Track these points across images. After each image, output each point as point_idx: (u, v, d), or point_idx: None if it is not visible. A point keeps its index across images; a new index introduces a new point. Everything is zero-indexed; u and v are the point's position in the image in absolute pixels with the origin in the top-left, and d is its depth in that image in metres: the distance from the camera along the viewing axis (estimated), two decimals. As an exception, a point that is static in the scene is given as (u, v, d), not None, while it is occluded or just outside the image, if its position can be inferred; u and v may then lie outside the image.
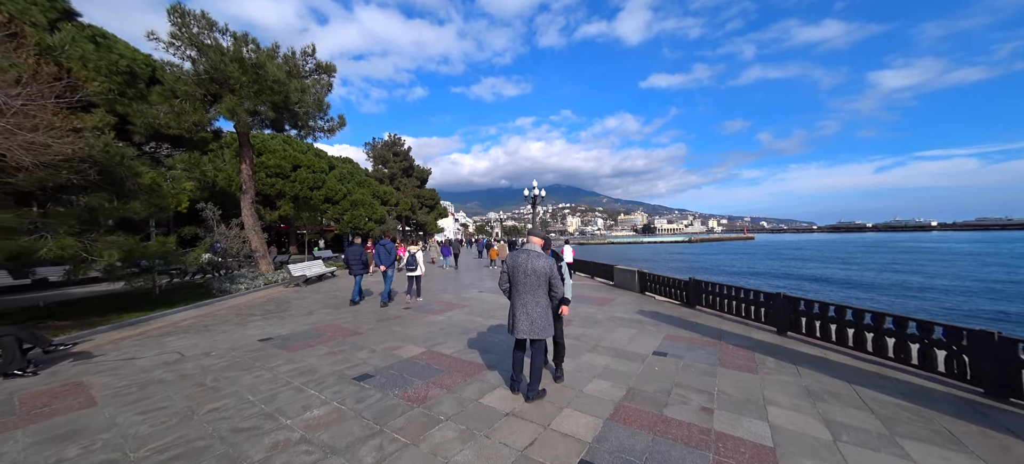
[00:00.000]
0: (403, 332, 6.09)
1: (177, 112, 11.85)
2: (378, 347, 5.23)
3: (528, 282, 3.27)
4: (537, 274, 3.27)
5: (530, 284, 3.26)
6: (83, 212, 6.36)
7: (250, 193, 14.79)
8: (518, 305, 3.30)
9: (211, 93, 12.80)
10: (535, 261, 3.29)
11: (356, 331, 6.16)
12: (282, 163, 30.27)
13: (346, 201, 34.61)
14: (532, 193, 25.17)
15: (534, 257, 3.31)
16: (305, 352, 5.00)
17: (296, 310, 8.13)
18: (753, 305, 6.17)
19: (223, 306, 8.62)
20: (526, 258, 3.31)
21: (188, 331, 6.23)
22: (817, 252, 55.27)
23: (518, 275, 3.31)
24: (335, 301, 9.29)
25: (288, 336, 5.85)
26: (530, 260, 3.29)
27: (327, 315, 7.53)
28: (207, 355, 4.88)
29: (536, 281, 3.27)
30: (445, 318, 7.16)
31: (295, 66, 14.28)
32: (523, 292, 3.29)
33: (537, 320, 3.26)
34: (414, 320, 6.99)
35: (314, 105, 14.10)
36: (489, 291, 10.55)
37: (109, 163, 6.60)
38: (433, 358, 4.72)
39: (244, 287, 10.81)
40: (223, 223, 13.75)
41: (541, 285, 3.29)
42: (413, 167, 48.11)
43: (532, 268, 3.27)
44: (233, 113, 11.88)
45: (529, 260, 3.30)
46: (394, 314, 7.55)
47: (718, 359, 4.51)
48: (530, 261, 3.29)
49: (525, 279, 3.27)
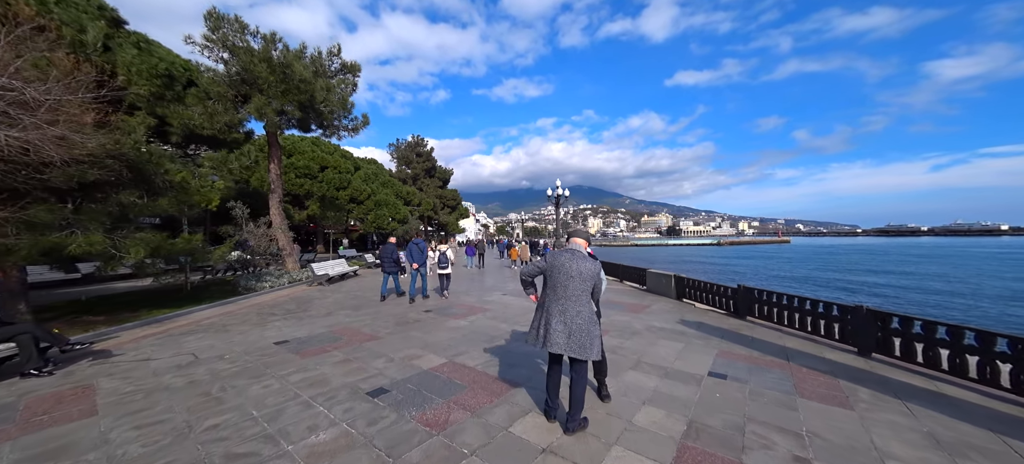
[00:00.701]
0: (423, 338, 5.68)
1: (210, 113, 12.15)
2: (396, 355, 4.82)
3: (570, 286, 2.77)
4: (582, 278, 2.78)
5: (572, 289, 2.77)
6: (114, 209, 6.42)
7: (278, 192, 15.05)
8: (554, 312, 2.78)
9: (242, 94, 13.08)
10: (580, 263, 2.81)
11: (374, 336, 5.81)
12: (310, 164, 31.21)
13: (370, 201, 35.26)
14: (556, 193, 24.46)
15: (579, 259, 2.83)
16: (319, 358, 4.67)
17: (316, 310, 7.95)
18: (823, 319, 5.26)
19: (246, 304, 8.60)
20: (569, 258, 2.84)
21: (208, 330, 6.11)
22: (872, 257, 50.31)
23: (558, 276, 2.82)
24: (356, 301, 9.09)
25: (304, 339, 5.57)
26: (574, 262, 2.81)
27: (346, 316, 7.27)
28: (221, 358, 4.64)
29: (580, 286, 2.77)
30: (468, 323, 6.70)
31: (321, 66, 14.40)
32: (561, 297, 2.80)
33: (578, 332, 2.72)
34: (435, 325, 6.57)
35: (339, 104, 14.15)
36: (513, 294, 10.04)
37: (139, 160, 6.65)
38: (455, 371, 4.25)
39: (269, 285, 10.87)
40: (252, 222, 14.05)
41: (585, 292, 2.80)
42: (435, 168, 48.54)
43: (576, 271, 2.79)
44: (261, 112, 12.05)
45: (573, 262, 2.81)
46: (414, 317, 7.18)
47: (793, 386, 3.75)
48: (574, 262, 2.81)
49: (567, 282, 2.78)
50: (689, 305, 8.55)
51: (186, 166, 7.98)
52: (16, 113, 4.57)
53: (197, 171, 8.96)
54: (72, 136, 4.97)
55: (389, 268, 9.20)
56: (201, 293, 9.59)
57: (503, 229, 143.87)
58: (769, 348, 5.04)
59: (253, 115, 12.25)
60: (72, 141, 4.98)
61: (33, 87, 4.82)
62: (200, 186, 8.49)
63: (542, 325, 2.84)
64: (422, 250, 8.97)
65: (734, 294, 7.16)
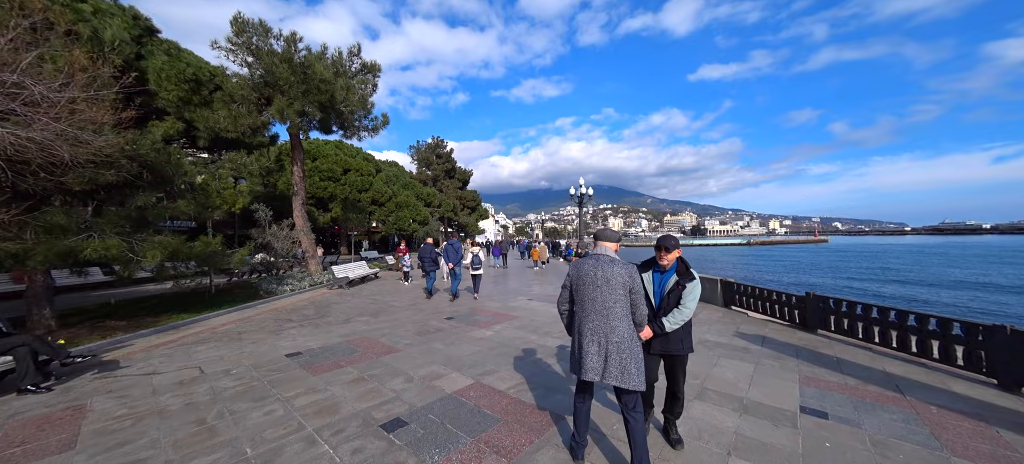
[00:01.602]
0: (446, 352, 5.09)
1: (234, 116, 12.20)
2: (416, 373, 4.25)
3: (598, 298, 2.28)
4: (611, 286, 2.26)
5: (600, 301, 2.27)
6: (133, 212, 6.26)
7: (301, 195, 15.04)
8: (585, 331, 2.30)
9: (264, 97, 13.10)
10: (606, 269, 2.30)
11: (392, 348, 5.28)
12: (334, 167, 31.77)
13: (391, 203, 35.57)
14: (578, 192, 23.52)
15: (605, 264, 2.32)
16: (331, 376, 4.16)
17: (334, 316, 7.57)
18: (939, 339, 4.22)
19: (266, 309, 8.37)
20: (593, 266, 2.34)
21: (222, 339, 5.79)
22: (940, 258, 44.39)
23: (584, 288, 2.34)
24: (375, 306, 8.67)
25: (318, 351, 5.11)
26: (599, 268, 2.32)
27: (364, 324, 6.82)
28: (227, 373, 4.23)
29: (610, 297, 2.26)
30: (494, 333, 6.07)
31: (341, 66, 14.26)
32: (590, 312, 2.30)
33: (615, 353, 2.19)
34: (458, 335, 5.98)
35: (359, 103, 13.96)
36: (538, 299, 9.34)
37: (157, 162, 6.48)
38: (483, 396, 3.61)
39: (289, 289, 10.70)
40: (275, 224, 14.10)
41: (618, 302, 2.26)
42: (455, 169, 48.56)
43: (602, 278, 2.28)
44: (282, 114, 11.97)
45: (598, 268, 2.32)
46: (436, 326, 6.63)
47: (931, 434, 2.84)
48: (599, 269, 2.31)
49: (594, 293, 2.29)
50: (740, 314, 7.55)
51: (208, 169, 7.87)
52: (24, 111, 4.38)
53: (218, 173, 8.84)
54: (82, 135, 4.74)
55: (429, 267, 9.85)
56: (224, 297, 9.50)
57: (522, 230, 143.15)
58: (868, 374, 4.09)
59: (275, 117, 12.20)
60: (83, 141, 4.76)
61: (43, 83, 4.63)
62: (221, 188, 8.34)
63: (576, 347, 2.38)
64: (458, 251, 9.41)
65: (800, 303, 6.14)
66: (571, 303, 2.46)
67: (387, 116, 15.55)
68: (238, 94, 12.38)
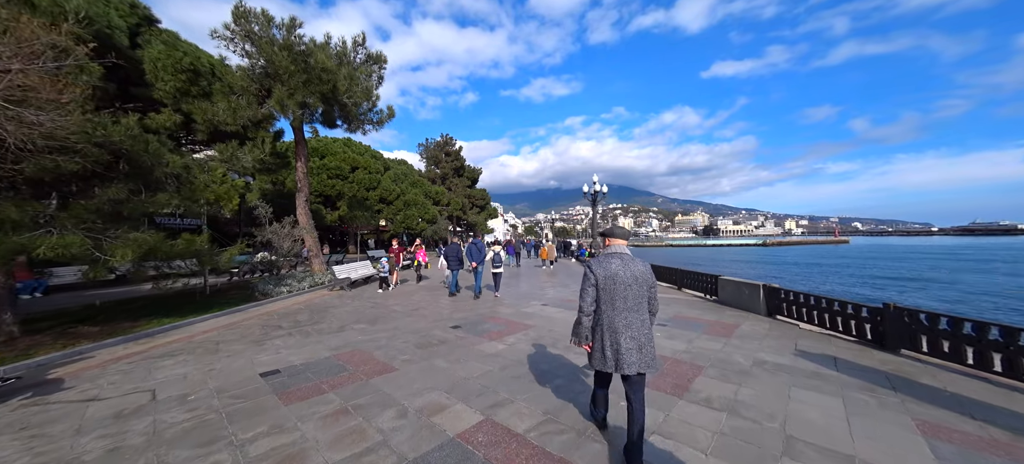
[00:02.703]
0: (450, 372, 4.25)
1: (234, 108, 11.63)
2: (412, 403, 3.41)
3: (629, 296, 2.42)
4: (639, 284, 2.45)
5: (631, 298, 2.42)
6: (104, 205, 5.61)
7: (304, 191, 14.46)
8: (620, 328, 2.40)
9: (265, 89, 12.52)
10: (633, 268, 2.46)
11: (387, 366, 4.45)
12: (342, 165, 31.40)
13: (399, 201, 35.08)
14: (592, 189, 22.50)
15: (630, 263, 2.48)
16: (307, 407, 3.36)
17: (328, 323, 6.82)
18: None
19: (257, 313, 7.68)
20: (621, 264, 2.47)
21: (196, 351, 5.07)
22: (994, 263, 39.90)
23: (616, 287, 2.43)
24: (375, 311, 7.91)
25: (300, 369, 4.33)
26: (627, 267, 2.46)
27: (360, 333, 6.04)
28: (182, 400, 3.46)
29: (639, 293, 2.45)
30: (506, 347, 5.21)
31: (345, 56, 13.60)
32: (623, 309, 2.41)
33: (646, 345, 2.42)
34: (466, 350, 5.14)
35: (363, 94, 13.26)
36: (554, 304, 8.43)
37: (134, 150, 5.82)
38: (496, 441, 2.75)
39: (287, 290, 10.04)
40: (277, 222, 13.53)
41: (644, 298, 2.48)
42: (464, 167, 47.91)
43: (631, 277, 2.43)
44: (282, 104, 11.33)
45: (626, 267, 2.45)
46: (440, 337, 5.80)
47: None
48: (627, 268, 2.45)
49: (626, 291, 2.41)
50: (789, 325, 6.51)
51: (196, 160, 7.23)
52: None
53: (207, 165, 8.19)
54: (27, 114, 4.06)
55: (453, 266, 9.93)
56: (217, 299, 8.88)
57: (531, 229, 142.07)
58: (1000, 416, 3.07)
59: (275, 108, 11.57)
60: (27, 120, 4.08)
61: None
62: (210, 181, 7.69)
63: (609, 345, 2.42)
64: (481, 250, 9.68)
65: (878, 316, 5.08)
66: (598, 303, 2.48)
67: (392, 109, 14.84)
68: (238, 85, 11.80)
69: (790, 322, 6.73)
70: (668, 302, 8.79)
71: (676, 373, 4.19)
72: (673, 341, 5.48)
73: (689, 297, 9.64)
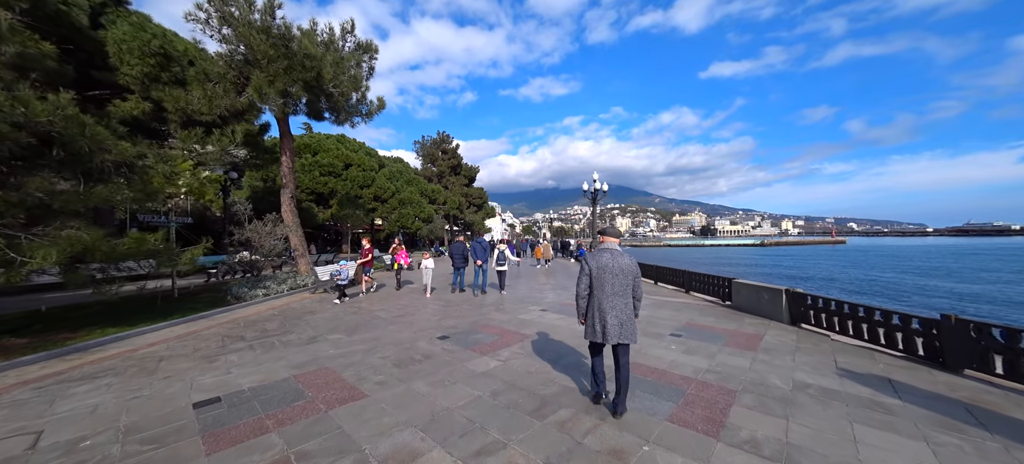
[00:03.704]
0: (431, 399, 3.49)
1: (209, 97, 10.78)
2: (376, 448, 2.65)
3: (617, 283, 3.05)
4: (625, 274, 3.07)
5: (618, 285, 3.05)
6: (27, 197, 4.79)
7: (290, 187, 13.61)
8: (607, 309, 3.03)
9: (245, 76, 11.68)
10: (620, 260, 3.08)
11: (355, 391, 3.68)
12: (335, 161, 30.51)
13: (394, 200, 34.23)
14: (592, 187, 21.80)
15: (619, 256, 3.10)
16: (237, 456, 2.58)
17: (300, 332, 6.03)
18: None
19: (222, 320, 6.88)
20: (611, 258, 3.09)
21: (126, 371, 4.26)
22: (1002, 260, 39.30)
23: (606, 276, 3.05)
24: (356, 317, 7.12)
25: (246, 396, 3.54)
26: (616, 260, 3.08)
27: (332, 346, 5.25)
28: (71, 449, 2.66)
29: (625, 281, 3.07)
30: (500, 365, 4.45)
31: (332, 44, 12.77)
32: (610, 294, 3.05)
33: (627, 322, 3.05)
34: (452, 367, 4.37)
35: (350, 83, 12.42)
36: (554, 309, 7.68)
37: (68, 133, 5.00)
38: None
39: (263, 293, 9.23)
40: (259, 219, 12.69)
41: (628, 286, 3.09)
42: (461, 165, 47.08)
43: (619, 268, 3.06)
44: (260, 92, 10.49)
45: (614, 260, 3.08)
46: (424, 351, 5.03)
47: None
48: (615, 260, 3.07)
49: (614, 280, 3.05)
50: (817, 335, 5.79)
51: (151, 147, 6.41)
52: None
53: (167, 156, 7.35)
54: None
55: (458, 263, 10.01)
56: (183, 303, 8.05)
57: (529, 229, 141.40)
58: None
59: (253, 96, 10.73)
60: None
61: None
62: (172, 172, 6.87)
63: (598, 322, 3.04)
64: (486, 248, 9.80)
65: (935, 328, 4.35)
66: (591, 289, 3.12)
67: (383, 100, 14.02)
68: (214, 72, 10.95)
69: (818, 332, 6.01)
70: (678, 307, 8.06)
71: (705, 401, 3.45)
72: (693, 357, 4.74)
73: (699, 301, 8.92)
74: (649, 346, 5.21)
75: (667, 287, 11.57)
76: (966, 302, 19.46)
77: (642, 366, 4.38)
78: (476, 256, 9.76)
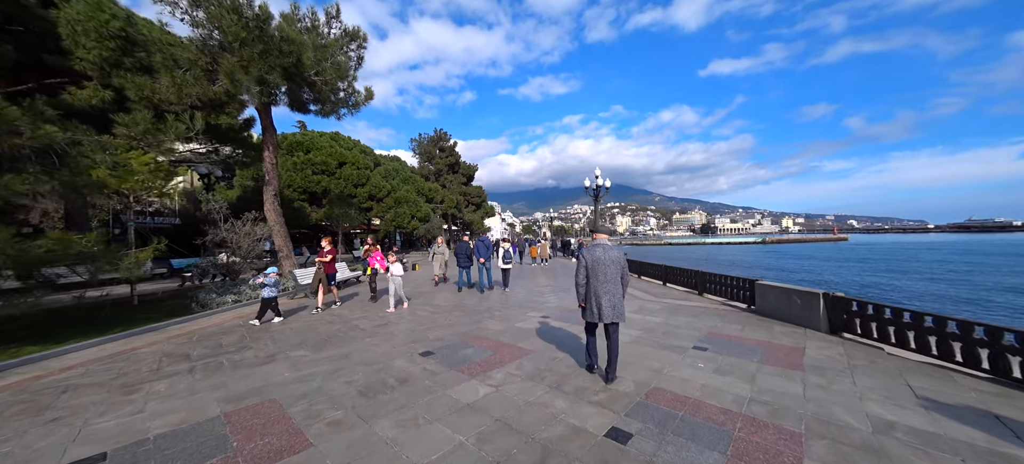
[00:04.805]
0: (396, 446, 2.60)
1: (178, 84, 9.87)
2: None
3: (608, 272, 3.65)
4: (615, 264, 3.70)
5: (610, 274, 3.66)
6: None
7: (273, 184, 12.72)
8: (602, 294, 3.63)
9: (219, 62, 10.78)
10: (610, 253, 3.72)
11: (297, 438, 2.78)
12: (328, 159, 29.58)
13: (390, 199, 33.28)
14: (594, 184, 20.94)
15: (609, 250, 3.74)
16: None
17: (258, 348, 5.13)
18: None
19: (171, 334, 5.97)
20: (603, 252, 3.72)
21: (6, 410, 3.37)
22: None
23: (599, 268, 3.66)
24: (330, 328, 6.20)
25: (146, 452, 2.64)
26: (606, 253, 3.71)
27: (289, 368, 4.35)
28: None
29: (614, 272, 3.68)
30: (491, 391, 3.56)
31: (316, 30, 11.85)
32: (603, 281, 3.64)
33: (618, 305, 3.66)
34: (431, 399, 3.48)
35: (334, 72, 11.52)
36: (557, 316, 6.77)
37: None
38: None
39: (233, 299, 8.33)
40: (237, 219, 11.78)
41: (617, 275, 3.70)
42: (459, 163, 46.16)
43: (610, 259, 3.69)
44: (232, 78, 9.58)
45: (606, 253, 3.71)
46: (400, 372, 4.13)
47: None
48: (606, 254, 3.70)
49: (605, 270, 3.65)
50: (866, 347, 4.89)
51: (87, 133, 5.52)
52: None
53: (106, 144, 6.42)
54: None
55: (463, 263, 10.06)
56: (136, 313, 7.14)
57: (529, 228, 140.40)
58: None
59: (225, 82, 9.82)
60: None
61: None
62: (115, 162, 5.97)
63: (594, 305, 3.66)
64: (488, 247, 10.00)
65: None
66: (587, 277, 3.73)
67: (371, 90, 13.11)
68: (184, 57, 10.03)
69: (867, 343, 5.11)
70: (695, 312, 7.16)
71: (762, 451, 2.55)
72: (729, 379, 3.85)
73: (716, 305, 8.01)
74: (671, 363, 4.32)
75: (677, 288, 10.66)
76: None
77: (667, 393, 3.49)
78: (480, 254, 9.90)
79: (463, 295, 9.59)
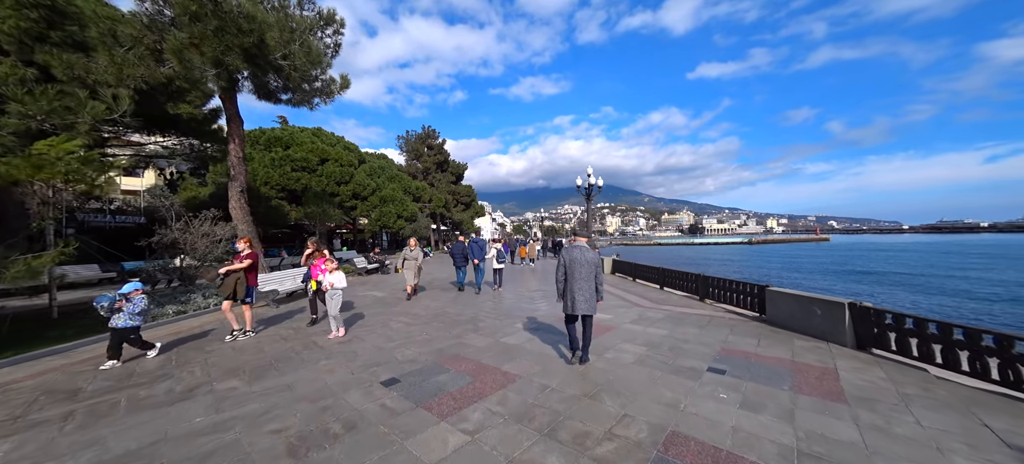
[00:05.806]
0: None
1: (119, 65, 8.67)
2: None
3: (583, 272, 4.16)
4: (590, 264, 4.20)
5: (585, 273, 4.17)
6: None
7: (239, 179, 11.56)
8: (577, 290, 4.15)
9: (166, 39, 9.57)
10: (586, 254, 4.23)
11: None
12: (309, 156, 28.14)
13: (375, 197, 31.98)
14: (587, 183, 20.19)
15: (585, 251, 4.26)
16: None
17: (179, 378, 4.13)
18: None
19: (71, 360, 4.88)
20: (580, 253, 4.23)
21: None
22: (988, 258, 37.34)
23: (575, 267, 4.18)
24: (279, 347, 5.20)
25: None
26: (583, 254, 4.22)
27: (205, 410, 3.38)
28: None
29: (589, 270, 4.19)
30: (464, 442, 2.69)
31: (284, 8, 10.73)
32: (579, 279, 4.15)
33: (590, 299, 4.17)
34: (385, 450, 2.59)
35: (305, 55, 10.42)
36: (547, 328, 5.90)
37: None
38: None
39: (175, 310, 7.21)
40: (195, 218, 10.58)
41: (591, 274, 4.20)
42: (448, 161, 45.00)
43: (585, 260, 4.20)
44: (180, 56, 8.44)
45: (582, 254, 4.22)
46: (349, 414, 3.21)
47: None
48: (583, 255, 4.22)
49: (581, 269, 4.16)
50: (905, 368, 4.20)
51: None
52: None
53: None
54: None
55: (459, 263, 10.28)
56: (48, 329, 6.00)
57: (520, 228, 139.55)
58: None
59: (172, 61, 8.66)
60: None
61: None
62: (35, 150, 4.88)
63: (569, 299, 4.18)
64: (482, 248, 10.09)
65: None
66: (565, 276, 4.24)
67: (347, 77, 12.06)
68: (125, 33, 8.83)
69: (905, 363, 4.42)
70: (701, 323, 6.41)
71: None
72: (763, 418, 3.07)
73: (722, 312, 7.29)
74: (687, 394, 3.53)
75: (676, 293, 9.95)
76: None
77: (690, 444, 2.68)
78: (473, 255, 10.04)
79: (449, 301, 8.68)
